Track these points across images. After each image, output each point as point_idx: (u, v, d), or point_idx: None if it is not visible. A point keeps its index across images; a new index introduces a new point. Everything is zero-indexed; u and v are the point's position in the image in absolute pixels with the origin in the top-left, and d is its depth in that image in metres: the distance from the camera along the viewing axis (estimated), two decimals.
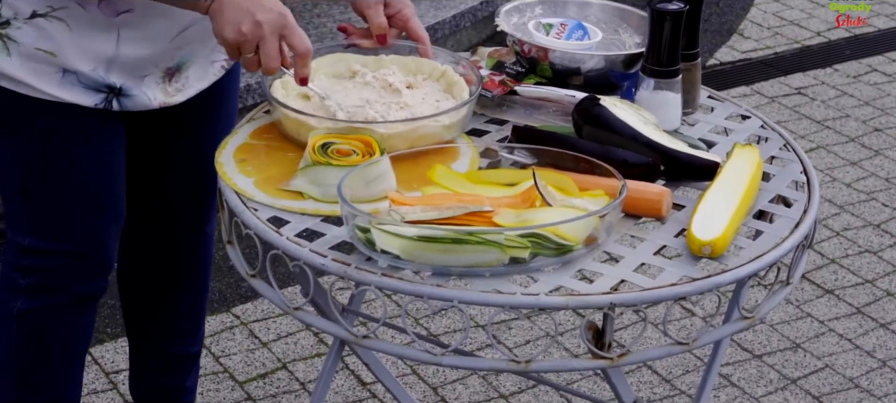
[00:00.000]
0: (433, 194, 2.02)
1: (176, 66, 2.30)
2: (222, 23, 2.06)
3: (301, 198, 2.06)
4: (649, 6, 2.25)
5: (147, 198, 2.54)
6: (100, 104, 2.25)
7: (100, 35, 2.19)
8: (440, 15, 4.88)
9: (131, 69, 2.24)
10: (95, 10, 2.17)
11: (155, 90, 2.28)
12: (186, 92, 2.35)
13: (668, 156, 2.11)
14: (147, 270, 2.69)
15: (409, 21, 2.36)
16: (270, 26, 2.05)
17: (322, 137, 2.11)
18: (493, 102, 2.34)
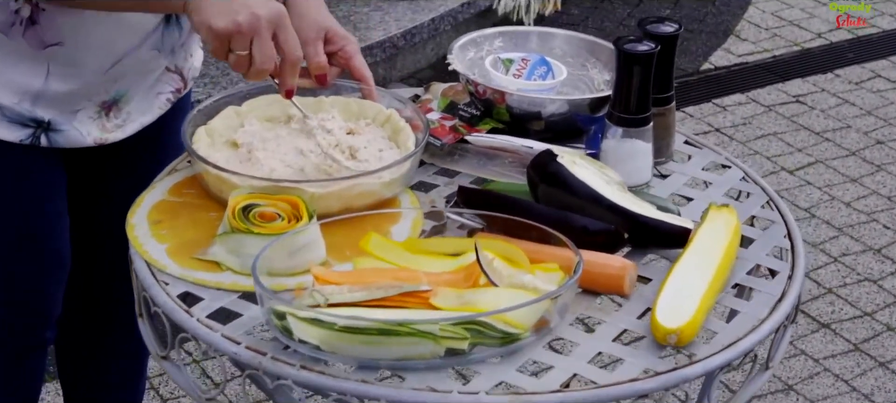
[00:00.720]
0: (364, 269, 1.79)
1: (112, 99, 2.08)
2: (212, 12, 1.81)
3: (219, 269, 1.83)
4: (616, 46, 2.01)
5: (83, 238, 2.32)
6: (25, 139, 2.04)
7: (26, 67, 1.98)
8: (418, 18, 4.64)
9: (61, 103, 2.03)
10: (20, 39, 1.95)
11: (89, 125, 2.08)
12: (127, 127, 2.13)
13: (633, 220, 1.87)
14: (82, 314, 2.46)
15: (351, 59, 2.13)
16: (268, 21, 1.82)
17: (244, 198, 1.87)
18: (442, 151, 2.10)
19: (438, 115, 2.17)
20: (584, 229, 1.85)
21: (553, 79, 2.20)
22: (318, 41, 2.10)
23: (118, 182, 2.25)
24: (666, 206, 1.94)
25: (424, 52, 4.83)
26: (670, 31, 2.07)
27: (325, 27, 2.10)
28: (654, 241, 1.90)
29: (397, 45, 4.58)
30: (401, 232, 1.91)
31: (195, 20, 1.83)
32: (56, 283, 2.22)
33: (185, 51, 2.19)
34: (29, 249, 2.14)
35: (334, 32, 2.11)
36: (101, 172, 2.25)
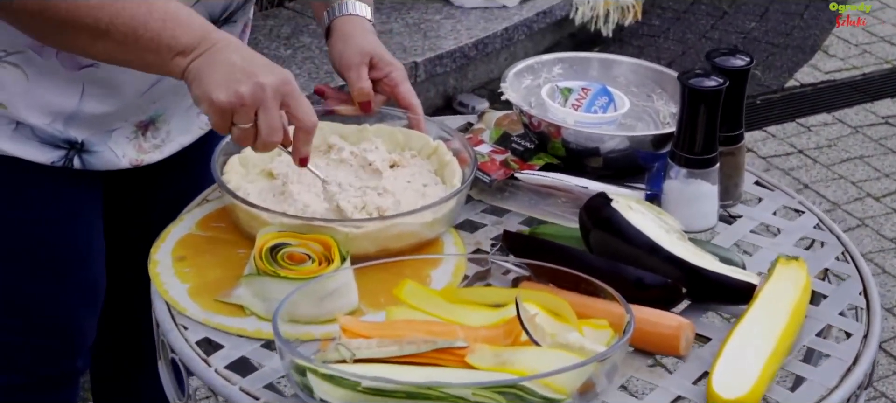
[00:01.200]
0: (397, 321, 1.65)
1: (149, 119, 1.97)
2: (210, 84, 1.65)
3: (243, 313, 1.71)
4: (680, 81, 1.85)
5: (119, 263, 2.21)
6: (57, 162, 1.93)
7: (60, 87, 1.86)
8: (491, 27, 4.50)
9: (96, 124, 1.92)
10: (54, 60, 1.83)
11: (125, 146, 1.96)
12: (166, 148, 2.02)
13: (693, 274, 1.72)
14: (117, 343, 2.36)
15: (398, 86, 1.99)
16: (273, 90, 1.66)
17: (273, 237, 1.74)
18: (491, 188, 1.96)
19: (489, 148, 2.03)
20: (638, 282, 1.70)
21: (614, 112, 2.05)
22: (363, 66, 1.98)
23: (155, 205, 2.14)
24: (730, 258, 1.78)
25: (497, 62, 4.68)
26: (741, 66, 1.91)
27: (370, 52, 1.97)
28: (715, 297, 1.74)
29: (468, 55, 4.44)
30: (441, 277, 1.77)
31: (194, 92, 1.67)
32: (88, 311, 2.11)
33: None
34: (60, 275, 2.04)
35: (380, 58, 1.98)
36: (138, 195, 2.14)
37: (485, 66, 4.65)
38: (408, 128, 2.02)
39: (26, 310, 2.05)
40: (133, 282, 2.23)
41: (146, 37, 1.66)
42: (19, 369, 2.10)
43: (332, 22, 2.02)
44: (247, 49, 1.70)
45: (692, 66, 4.86)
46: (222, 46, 1.67)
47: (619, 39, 5.08)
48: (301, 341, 1.64)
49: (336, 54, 2.00)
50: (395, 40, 4.36)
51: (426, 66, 4.28)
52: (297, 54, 4.21)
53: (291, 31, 4.39)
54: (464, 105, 4.51)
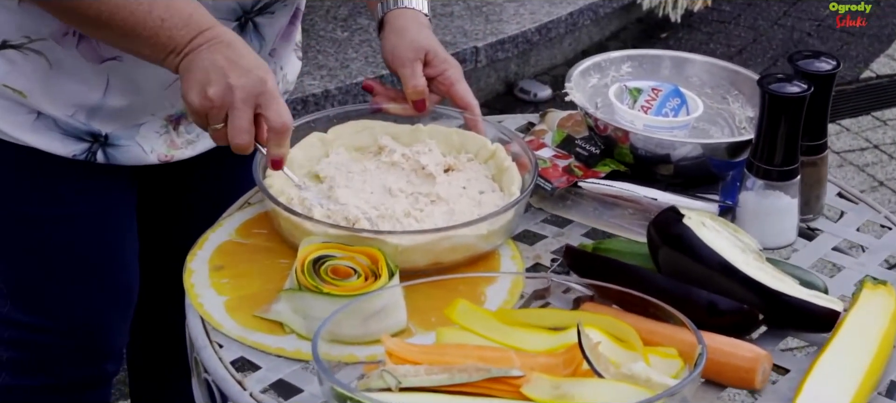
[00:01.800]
0: (447, 345, 1.52)
1: (180, 112, 1.85)
2: (189, 83, 1.62)
3: (282, 331, 1.58)
4: (760, 86, 1.71)
5: (154, 262, 2.10)
6: (80, 155, 1.82)
7: (84, 79, 1.77)
8: (555, 11, 4.36)
9: (121, 117, 1.82)
10: (74, 50, 1.74)
11: (154, 141, 1.86)
12: (199, 144, 1.91)
13: (771, 298, 1.58)
14: (154, 346, 2.25)
15: (454, 85, 1.86)
16: (244, 92, 1.60)
17: (316, 248, 1.62)
18: (553, 196, 1.82)
19: (551, 152, 1.90)
20: (710, 306, 1.56)
21: (687, 116, 1.91)
22: (417, 62, 1.85)
23: (194, 206, 2.03)
24: (811, 281, 1.64)
25: (561, 48, 4.54)
26: (826, 70, 1.76)
27: (425, 48, 1.85)
28: (794, 323, 1.60)
29: (531, 40, 4.29)
30: (497, 294, 1.64)
31: (182, 87, 1.64)
32: (119, 314, 2.00)
33: (273, 63, 1.95)
34: (89, 275, 1.93)
35: (435, 54, 1.85)
36: (176, 194, 2.05)
37: (548, 52, 4.51)
38: (464, 128, 1.89)
39: (53, 311, 1.95)
40: (171, 285, 2.12)
41: (144, 35, 1.62)
42: (48, 371, 2.00)
43: (386, 15, 1.90)
44: (237, 48, 1.62)
45: (763, 54, 4.69)
46: (211, 45, 1.61)
47: (688, 25, 4.91)
48: (343, 364, 1.52)
49: (389, 49, 1.87)
50: (455, 24, 4.22)
51: (487, 51, 4.14)
52: (354, 37, 4.09)
53: (348, 12, 4.27)
54: (525, 92, 4.37)
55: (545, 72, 4.51)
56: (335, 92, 3.75)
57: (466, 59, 4.07)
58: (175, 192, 2.03)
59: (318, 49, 3.99)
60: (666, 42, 4.83)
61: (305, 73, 3.82)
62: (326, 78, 3.81)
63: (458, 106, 1.88)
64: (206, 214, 1.86)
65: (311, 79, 3.80)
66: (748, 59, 4.67)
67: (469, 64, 4.09)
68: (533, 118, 2.07)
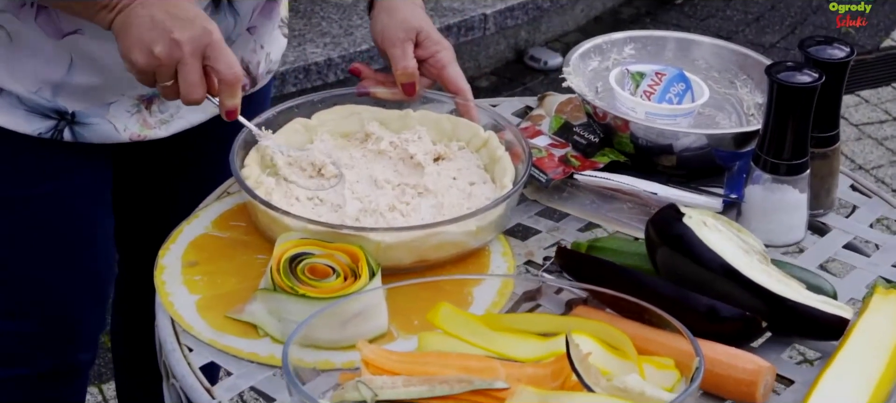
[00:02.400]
0: (428, 354, 1.43)
1: (153, 92, 1.76)
2: (129, 43, 1.54)
3: (256, 333, 1.50)
4: (768, 74, 1.61)
5: (134, 243, 2.01)
6: (46, 133, 1.74)
7: (46, 55, 1.68)
8: None
9: (88, 96, 1.73)
10: (33, 23, 1.65)
11: (126, 119, 1.77)
12: (173, 124, 1.82)
13: (775, 303, 1.48)
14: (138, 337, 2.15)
15: (445, 68, 1.77)
16: (191, 45, 1.53)
17: (294, 244, 1.53)
18: (548, 188, 1.73)
19: (547, 141, 1.80)
20: (711, 313, 1.47)
21: (692, 102, 1.80)
22: (408, 43, 1.75)
23: (173, 186, 1.94)
24: (818, 285, 1.54)
25: (573, 14, 4.42)
26: (839, 58, 1.66)
27: (417, 28, 1.75)
28: (800, 331, 1.51)
29: (541, 6, 4.18)
30: (485, 295, 1.55)
31: (119, 49, 1.56)
32: (93, 299, 1.92)
33: (253, 41, 1.85)
34: (61, 258, 1.85)
35: (427, 35, 1.75)
36: (156, 179, 1.96)
37: (559, 18, 4.39)
38: (455, 114, 1.79)
39: (22, 295, 1.87)
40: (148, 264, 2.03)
41: None
42: (17, 361, 1.92)
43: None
44: (174, 1, 1.54)
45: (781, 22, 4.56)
46: (147, 1, 1.54)
47: None
48: (319, 370, 1.43)
49: (378, 29, 1.77)
50: None
51: (496, 19, 4.03)
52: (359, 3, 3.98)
53: None
54: (536, 59, 4.26)
55: (556, 39, 4.40)
56: (338, 60, 3.65)
57: (475, 26, 3.96)
58: (154, 175, 1.94)
59: (321, 15, 3.88)
60: (681, 8, 4.71)
61: (308, 41, 3.72)
62: (330, 46, 3.71)
63: (449, 90, 1.78)
64: (188, 198, 1.77)
65: (314, 46, 3.69)
66: (765, 26, 4.54)
67: (477, 31, 3.98)
68: (531, 102, 1.97)
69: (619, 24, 4.51)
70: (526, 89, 4.11)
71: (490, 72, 4.19)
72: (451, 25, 3.91)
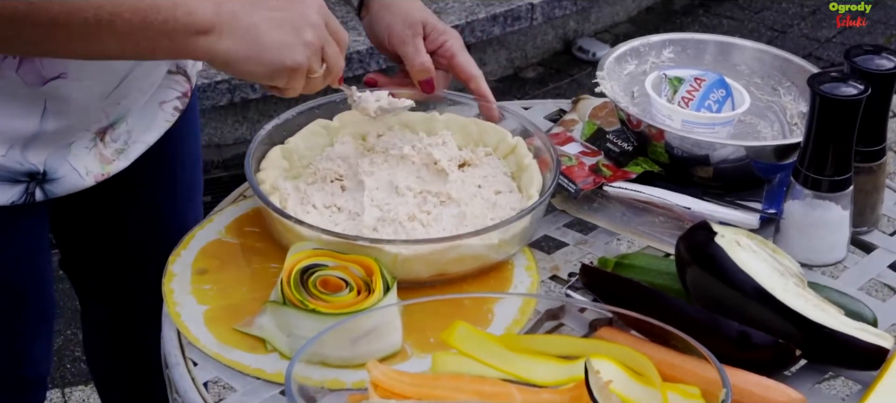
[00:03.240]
0: (440, 376, 1.36)
1: (109, 123, 1.66)
2: (272, 53, 1.44)
3: (264, 348, 1.43)
4: (810, 86, 1.52)
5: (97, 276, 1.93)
6: (18, 199, 1.60)
7: (21, 107, 1.53)
8: None
9: (54, 141, 1.59)
10: (13, 75, 1.50)
11: (86, 159, 1.64)
12: (131, 152, 1.70)
13: (811, 330, 1.40)
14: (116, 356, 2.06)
15: (455, 57, 1.70)
16: (322, 19, 1.48)
17: (307, 256, 1.47)
18: (577, 198, 1.65)
19: (578, 148, 1.72)
20: (741, 339, 1.39)
21: (732, 111, 1.72)
22: (417, 38, 1.68)
23: (126, 213, 1.83)
24: (858, 311, 1.46)
25: (624, 4, 4.33)
26: (888, 69, 1.57)
27: (422, 20, 1.68)
28: (837, 359, 1.43)
29: None
30: (506, 312, 1.48)
31: (248, 69, 1.45)
32: (43, 335, 1.81)
33: None
34: (11, 310, 1.74)
35: (432, 27, 1.68)
36: (100, 207, 1.81)
37: (610, 8, 4.30)
38: (482, 119, 1.72)
39: None
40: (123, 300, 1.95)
41: (158, 21, 1.38)
42: None
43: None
44: None
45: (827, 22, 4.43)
46: (240, 11, 1.43)
47: None
48: (327, 390, 1.37)
49: (383, 28, 1.69)
50: None
51: (544, 8, 3.94)
52: None
53: None
54: (584, 51, 4.18)
55: (606, 30, 4.31)
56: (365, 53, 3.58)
57: (521, 15, 3.88)
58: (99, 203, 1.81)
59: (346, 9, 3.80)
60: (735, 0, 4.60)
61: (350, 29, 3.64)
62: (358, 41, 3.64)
63: (460, 79, 1.71)
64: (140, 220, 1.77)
65: (356, 34, 3.62)
66: (821, 20, 4.42)
67: (524, 21, 3.89)
68: (565, 105, 1.89)
69: (671, 16, 4.41)
70: (573, 81, 4.03)
71: (537, 62, 4.11)
72: (496, 15, 3.83)
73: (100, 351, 2.05)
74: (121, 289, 1.90)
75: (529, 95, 3.91)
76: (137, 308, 1.89)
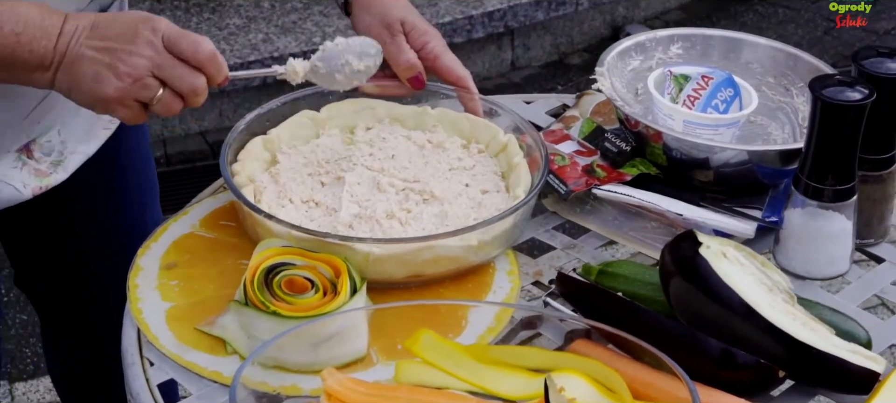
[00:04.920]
0: (400, 387, 1.30)
1: (31, 139, 1.61)
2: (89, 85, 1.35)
3: (223, 350, 1.38)
4: (812, 89, 1.44)
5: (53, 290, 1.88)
6: None
7: None
8: None
9: None
10: None
11: (20, 174, 1.60)
12: (68, 163, 1.66)
13: (797, 350, 1.32)
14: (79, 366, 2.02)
15: (439, 58, 1.63)
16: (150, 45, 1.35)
17: (274, 253, 1.41)
18: (567, 199, 1.58)
19: (574, 147, 1.65)
20: (723, 357, 1.31)
21: (739, 111, 1.64)
22: (398, 36, 1.61)
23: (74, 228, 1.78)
24: (850, 330, 1.38)
25: None
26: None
27: (400, 19, 1.61)
28: (825, 382, 1.34)
29: None
30: (480, 320, 1.41)
31: (79, 100, 1.37)
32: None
33: None
34: None
35: (412, 26, 1.61)
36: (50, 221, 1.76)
37: None
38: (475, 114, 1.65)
39: None
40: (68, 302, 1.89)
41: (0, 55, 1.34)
42: None
43: None
44: (104, 22, 1.36)
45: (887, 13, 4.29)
46: (79, 40, 1.35)
47: None
48: (284, 396, 1.31)
49: (362, 30, 1.63)
50: None
51: None
52: None
53: None
54: None
55: (657, 16, 4.21)
56: None
57: (566, 0, 3.80)
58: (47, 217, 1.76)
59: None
60: None
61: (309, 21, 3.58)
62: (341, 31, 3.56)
63: (447, 81, 1.64)
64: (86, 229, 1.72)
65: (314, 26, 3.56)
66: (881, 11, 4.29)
67: (569, 6, 3.81)
68: (568, 99, 1.82)
69: (725, 3, 4.30)
70: None
71: (583, 49, 4.03)
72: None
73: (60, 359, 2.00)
74: (77, 301, 1.85)
75: (573, 82, 3.83)
76: (96, 318, 1.84)
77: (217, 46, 1.39)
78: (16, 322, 2.93)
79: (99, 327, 1.82)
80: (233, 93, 3.32)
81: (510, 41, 3.83)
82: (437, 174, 1.56)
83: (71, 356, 1.97)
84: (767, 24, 4.19)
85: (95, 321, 1.85)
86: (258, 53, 3.32)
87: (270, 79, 1.53)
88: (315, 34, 3.45)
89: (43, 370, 2.81)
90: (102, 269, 1.73)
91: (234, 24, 3.46)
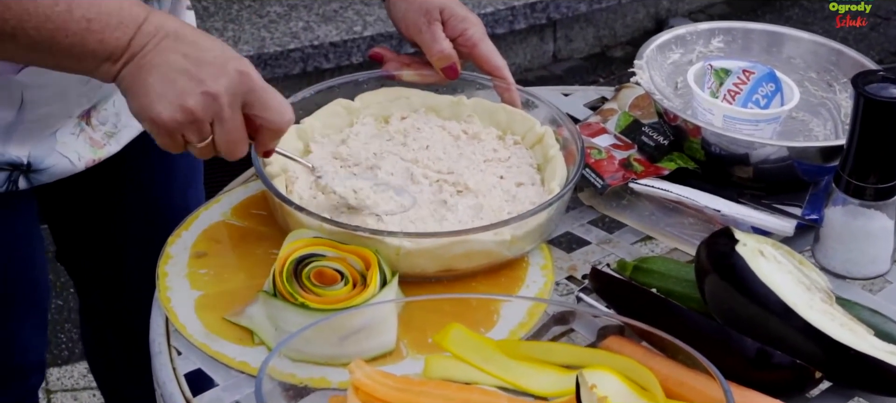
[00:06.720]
0: (429, 382, 1.28)
1: (92, 105, 1.59)
2: (150, 97, 1.29)
3: (251, 340, 1.36)
4: (854, 85, 1.41)
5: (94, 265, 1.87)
6: (1, 187, 1.55)
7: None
8: None
9: (37, 129, 1.54)
10: None
11: (76, 144, 1.58)
12: (122, 135, 1.64)
13: (835, 351, 1.29)
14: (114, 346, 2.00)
15: (477, 46, 1.61)
16: (230, 96, 1.29)
17: (305, 245, 1.39)
18: (603, 194, 1.56)
19: (611, 140, 1.63)
20: (758, 357, 1.29)
21: (780, 107, 1.61)
22: (434, 24, 1.59)
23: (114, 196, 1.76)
24: (890, 332, 1.35)
25: None
26: None
27: (439, 6, 1.59)
28: (863, 383, 1.32)
29: None
30: (513, 315, 1.39)
31: (131, 106, 1.31)
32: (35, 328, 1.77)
33: None
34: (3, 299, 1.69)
35: (451, 13, 1.59)
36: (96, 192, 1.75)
37: None
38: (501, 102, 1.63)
39: None
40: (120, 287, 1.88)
41: (65, 43, 1.28)
42: None
43: None
44: (192, 40, 1.30)
45: None
46: (159, 44, 1.29)
47: None
48: (311, 388, 1.30)
49: (398, 17, 1.61)
50: None
51: None
52: None
53: None
54: None
55: (701, 10, 4.16)
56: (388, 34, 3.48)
57: None
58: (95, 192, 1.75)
59: None
60: None
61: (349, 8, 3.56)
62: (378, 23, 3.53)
63: (484, 70, 1.62)
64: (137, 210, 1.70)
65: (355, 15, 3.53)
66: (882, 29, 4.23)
67: None
68: (607, 92, 1.79)
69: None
70: None
71: (626, 41, 3.99)
72: None
73: (98, 341, 2.00)
74: (118, 278, 1.84)
75: (615, 75, 3.80)
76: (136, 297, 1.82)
77: (257, 35, 1.37)
78: (51, 307, 2.94)
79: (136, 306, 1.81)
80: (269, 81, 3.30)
81: (552, 33, 3.80)
82: (472, 166, 1.54)
83: (107, 337, 1.96)
84: (813, 19, 4.13)
85: (133, 300, 1.84)
86: (299, 41, 3.31)
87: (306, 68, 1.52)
88: (356, 23, 3.43)
89: (77, 355, 2.81)
90: (143, 245, 1.71)
91: (275, 11, 3.44)
